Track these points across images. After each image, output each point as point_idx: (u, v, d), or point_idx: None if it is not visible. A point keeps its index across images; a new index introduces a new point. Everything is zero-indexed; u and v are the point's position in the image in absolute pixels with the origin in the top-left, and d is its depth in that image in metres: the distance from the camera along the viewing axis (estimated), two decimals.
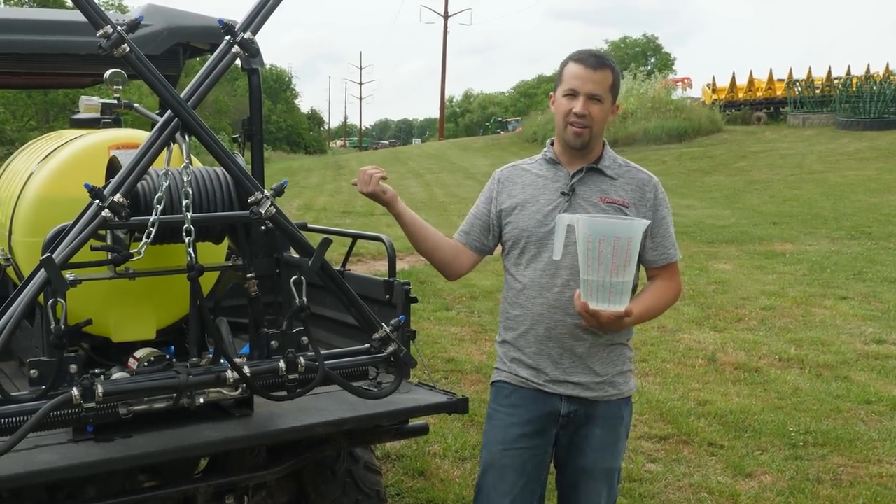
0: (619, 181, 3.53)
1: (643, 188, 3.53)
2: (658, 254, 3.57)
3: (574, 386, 3.50)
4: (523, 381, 3.57)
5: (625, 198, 3.49)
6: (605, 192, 3.49)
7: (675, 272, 3.65)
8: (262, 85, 4.26)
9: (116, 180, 3.11)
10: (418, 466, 5.98)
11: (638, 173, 3.57)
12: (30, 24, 4.52)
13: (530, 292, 3.51)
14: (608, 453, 3.58)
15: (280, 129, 74.43)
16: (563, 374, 3.50)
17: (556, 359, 3.50)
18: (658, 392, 7.53)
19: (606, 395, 3.53)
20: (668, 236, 3.58)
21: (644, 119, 36.02)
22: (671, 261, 3.60)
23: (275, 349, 3.45)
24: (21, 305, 2.94)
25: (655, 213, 3.53)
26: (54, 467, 3.09)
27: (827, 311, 10.50)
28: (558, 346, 3.48)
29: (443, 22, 70.11)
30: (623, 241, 3.09)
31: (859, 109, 35.51)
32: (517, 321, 3.56)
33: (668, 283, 3.61)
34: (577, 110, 3.42)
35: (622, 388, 3.58)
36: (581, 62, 3.44)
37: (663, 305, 3.62)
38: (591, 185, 3.51)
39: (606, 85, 3.43)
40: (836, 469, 5.93)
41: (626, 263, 3.12)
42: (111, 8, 38.77)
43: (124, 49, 2.98)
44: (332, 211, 21.66)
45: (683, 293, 3.72)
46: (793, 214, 18.71)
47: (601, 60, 3.45)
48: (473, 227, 3.72)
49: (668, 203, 3.62)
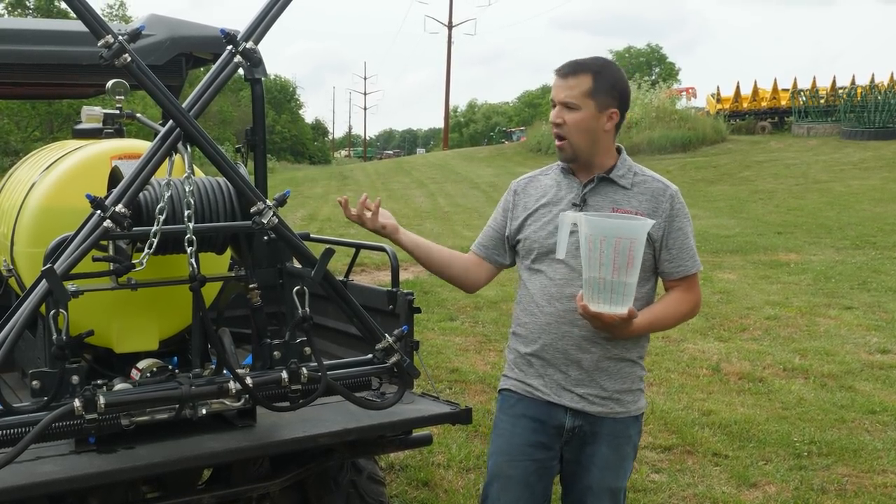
0: (634, 191, 3.41)
1: (658, 199, 3.40)
2: (674, 266, 3.45)
3: (579, 399, 3.41)
4: (529, 390, 3.50)
5: (638, 208, 3.37)
6: (618, 203, 3.38)
7: (694, 285, 3.53)
8: (265, 95, 4.26)
9: (118, 191, 3.10)
10: (422, 477, 5.96)
11: (654, 183, 3.44)
12: (33, 35, 4.53)
13: (539, 301, 3.44)
14: (613, 473, 3.49)
15: (284, 139, 74.62)
16: (569, 385, 3.42)
17: (563, 370, 3.42)
18: (663, 402, 7.51)
19: (612, 411, 3.44)
20: (685, 248, 3.44)
21: (648, 129, 36.04)
22: (688, 273, 3.47)
23: (277, 360, 3.44)
24: (23, 316, 2.94)
25: (671, 223, 3.40)
26: (56, 479, 3.09)
27: (831, 321, 10.47)
28: (565, 357, 3.41)
29: (447, 32, 70.30)
30: (625, 242, 3.02)
31: (864, 119, 35.51)
32: (526, 328, 3.50)
33: (685, 296, 3.50)
34: (550, 118, 3.37)
35: (629, 407, 3.47)
36: (556, 71, 3.37)
37: (677, 317, 3.52)
38: (603, 196, 3.41)
39: (581, 90, 3.29)
40: (841, 479, 5.90)
41: (629, 264, 3.05)
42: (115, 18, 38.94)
43: (126, 59, 2.97)
44: (336, 221, 21.64)
45: (700, 306, 3.64)
46: (797, 224, 18.70)
47: (575, 66, 3.34)
48: (490, 240, 3.68)
49: (688, 214, 3.49)
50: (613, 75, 3.36)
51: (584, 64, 3.33)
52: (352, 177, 39.99)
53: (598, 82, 3.30)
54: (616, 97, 3.34)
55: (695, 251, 3.49)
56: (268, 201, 3.24)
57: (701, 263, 3.52)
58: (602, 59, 3.40)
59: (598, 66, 3.34)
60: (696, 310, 3.59)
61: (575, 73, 3.31)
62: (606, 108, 3.33)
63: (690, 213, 3.51)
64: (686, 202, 3.49)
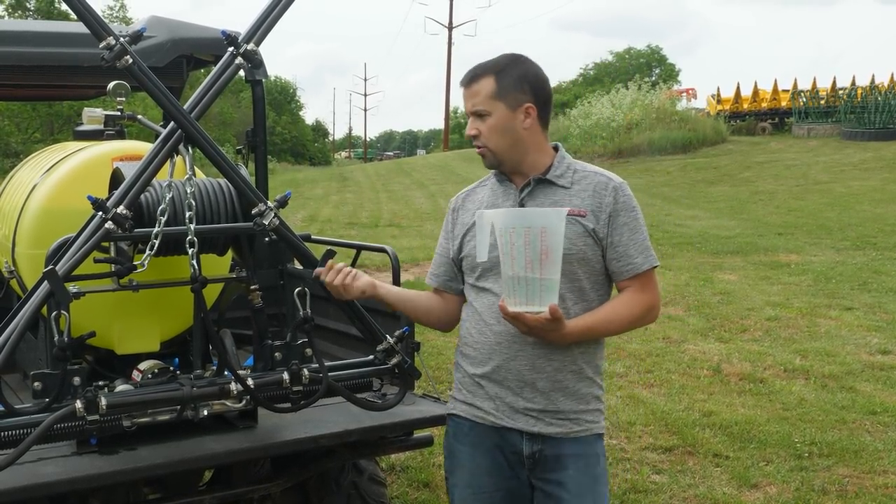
0: (574, 189, 3.08)
1: (601, 193, 3.06)
2: (622, 264, 3.07)
3: (535, 421, 3.07)
4: (480, 415, 3.16)
5: (580, 206, 3.05)
6: (559, 204, 3.03)
7: (648, 284, 3.12)
8: (266, 96, 4.27)
9: (119, 192, 3.11)
10: (423, 478, 5.96)
11: (596, 177, 3.10)
12: (34, 36, 4.53)
13: (488, 319, 3.11)
14: (589, 497, 3.10)
15: (285, 140, 74.57)
16: (523, 408, 3.08)
17: (516, 391, 3.08)
18: (663, 403, 7.51)
19: (572, 431, 3.09)
20: (633, 244, 3.07)
21: (649, 130, 36.02)
22: (637, 271, 3.07)
23: (279, 361, 3.45)
24: (24, 318, 2.95)
25: (615, 219, 3.05)
26: (58, 480, 3.10)
27: (832, 322, 10.47)
28: (518, 378, 3.07)
29: (447, 33, 70.37)
30: (535, 231, 2.74)
31: (864, 120, 35.49)
32: (475, 349, 3.16)
33: (637, 297, 3.10)
34: (466, 133, 3.15)
35: (590, 426, 3.12)
36: (460, 83, 3.14)
37: (626, 321, 3.11)
38: (542, 198, 3.09)
39: (485, 94, 3.03)
40: (842, 480, 5.90)
41: (543, 258, 2.75)
42: (115, 20, 38.95)
43: (127, 61, 2.98)
44: (337, 222, 21.66)
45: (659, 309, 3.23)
46: (798, 225, 18.68)
47: (473, 72, 3.09)
48: (440, 267, 3.36)
49: (636, 206, 3.12)
50: (519, 69, 3.07)
51: (483, 67, 3.09)
52: (352, 178, 39.99)
53: (502, 81, 3.04)
54: (527, 91, 3.05)
55: (647, 246, 3.11)
56: (269, 203, 3.24)
57: (657, 259, 3.14)
58: (506, 57, 3.12)
59: (501, 64, 3.07)
60: (652, 313, 3.18)
61: (476, 80, 3.07)
62: (519, 104, 3.04)
63: (691, 214, 3.44)
64: (686, 203, 3.43)
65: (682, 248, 15.88)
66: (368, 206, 26.99)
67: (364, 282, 3.18)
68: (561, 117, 42.23)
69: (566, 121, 40.63)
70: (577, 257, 3.01)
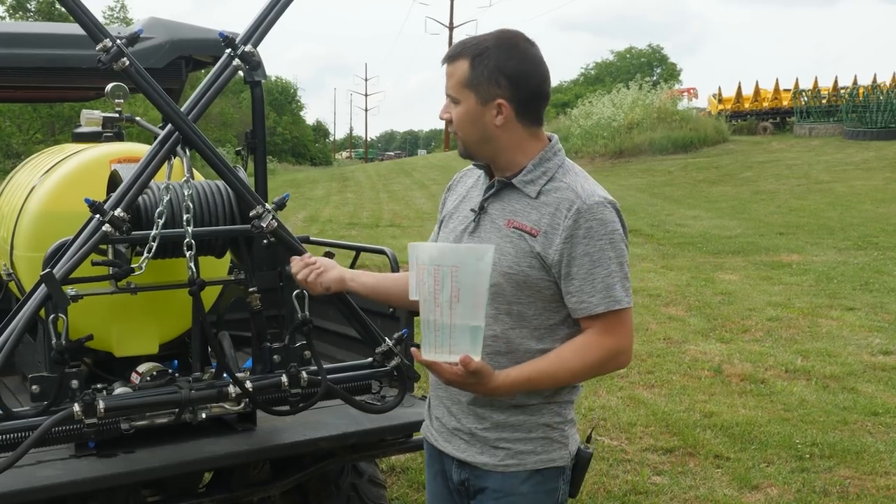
0: (538, 201, 2.60)
1: (560, 213, 2.56)
2: (575, 301, 2.56)
3: (465, 446, 2.72)
4: (430, 436, 2.88)
5: (535, 224, 2.58)
6: (515, 215, 2.61)
7: (613, 327, 2.58)
8: (266, 97, 4.26)
9: (117, 195, 3.11)
10: (423, 479, 5.94)
11: (565, 193, 2.58)
12: (34, 38, 4.53)
13: None
14: None
15: (286, 140, 74.59)
16: (454, 427, 2.75)
17: (449, 410, 2.76)
18: (664, 404, 7.50)
19: (501, 464, 2.66)
20: (590, 280, 2.54)
21: (650, 130, 35.97)
22: (591, 313, 2.55)
23: (277, 363, 3.45)
24: (22, 320, 2.95)
25: (573, 247, 2.53)
26: (56, 483, 3.09)
27: (833, 323, 10.46)
28: (450, 396, 2.74)
29: (448, 33, 70.34)
30: (445, 270, 2.35)
31: (866, 119, 35.46)
32: None
33: (596, 341, 2.57)
34: (439, 114, 2.73)
35: (524, 459, 2.66)
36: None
37: (575, 370, 2.59)
38: (503, 204, 2.66)
39: (457, 79, 2.60)
40: (843, 481, 5.89)
41: (454, 300, 2.35)
42: (115, 20, 38.99)
43: (124, 62, 2.98)
44: (338, 223, 21.67)
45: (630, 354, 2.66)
46: (799, 225, 18.66)
47: (454, 49, 2.65)
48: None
49: (609, 235, 2.56)
50: (498, 57, 2.57)
51: (464, 46, 2.64)
52: (353, 178, 40.00)
53: (476, 68, 2.57)
54: (503, 85, 2.57)
55: (610, 284, 2.55)
56: (267, 205, 3.24)
57: (623, 301, 2.58)
58: (493, 38, 2.62)
59: (481, 47, 2.58)
60: (618, 359, 2.63)
61: (453, 59, 2.63)
62: (490, 99, 2.58)
63: (692, 214, 3.24)
64: (688, 203, 3.23)
65: (684, 248, 15.87)
66: (369, 206, 26.99)
67: (330, 278, 2.94)
68: (562, 117, 42.21)
69: (567, 120, 40.58)
70: (519, 279, 2.58)
